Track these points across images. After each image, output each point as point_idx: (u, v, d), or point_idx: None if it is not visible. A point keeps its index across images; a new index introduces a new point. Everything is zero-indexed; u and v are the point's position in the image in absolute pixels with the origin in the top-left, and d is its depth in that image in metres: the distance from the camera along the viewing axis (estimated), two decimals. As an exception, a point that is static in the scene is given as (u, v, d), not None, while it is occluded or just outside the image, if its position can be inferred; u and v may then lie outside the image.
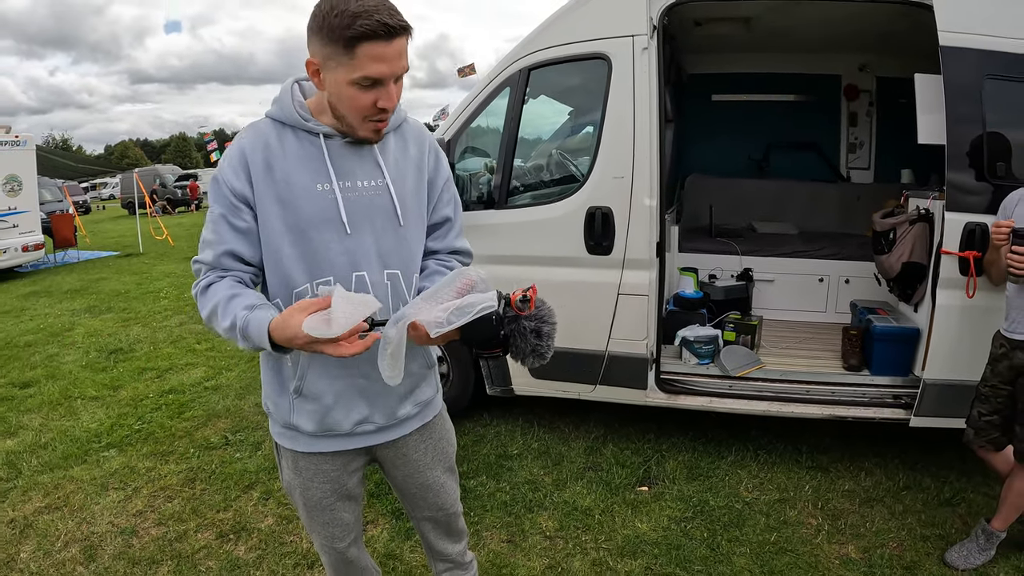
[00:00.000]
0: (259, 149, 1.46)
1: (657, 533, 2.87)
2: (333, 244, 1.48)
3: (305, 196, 1.46)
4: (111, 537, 2.99)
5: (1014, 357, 2.53)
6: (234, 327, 1.36)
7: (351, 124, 1.45)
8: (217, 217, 1.46)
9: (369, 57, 1.31)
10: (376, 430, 1.62)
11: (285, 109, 1.49)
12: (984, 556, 2.67)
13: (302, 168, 1.46)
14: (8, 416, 4.55)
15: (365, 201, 1.50)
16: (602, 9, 3.12)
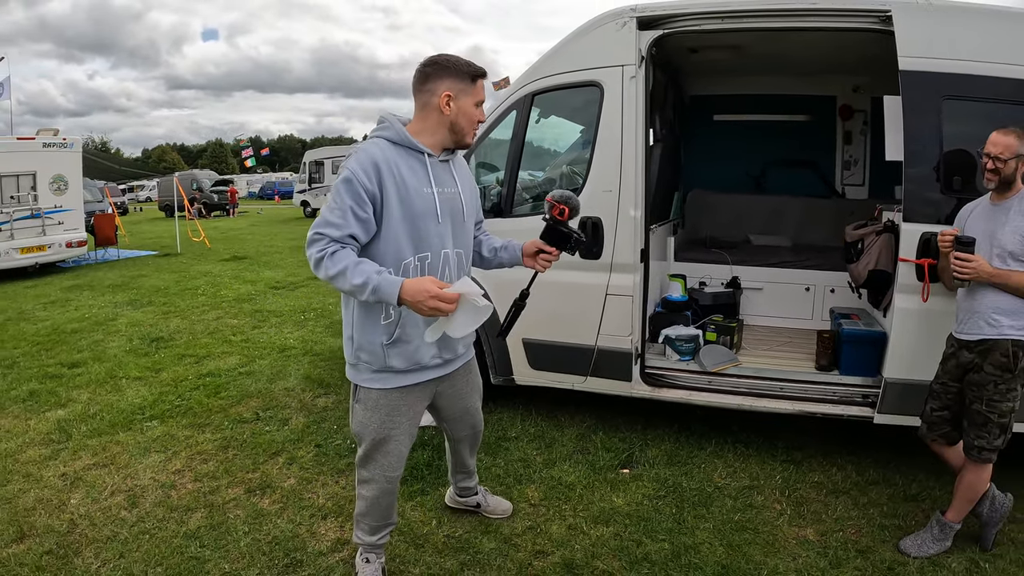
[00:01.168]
0: (384, 161, 2.15)
1: (630, 507, 3.24)
2: (432, 230, 2.23)
3: (416, 196, 2.18)
4: (152, 489, 3.52)
5: (960, 356, 2.79)
6: (366, 284, 2.02)
7: (464, 132, 2.27)
8: (347, 207, 2.09)
9: (480, 88, 2.26)
10: (443, 363, 2.42)
11: (400, 135, 2.21)
12: (938, 546, 2.86)
13: (413, 176, 2.19)
14: (58, 391, 5.16)
15: (448, 201, 2.28)
16: (596, 42, 3.59)
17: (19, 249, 10.92)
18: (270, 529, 3.07)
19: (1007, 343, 2.65)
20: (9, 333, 7.13)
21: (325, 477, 3.58)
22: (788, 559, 2.82)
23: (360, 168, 2.10)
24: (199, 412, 4.63)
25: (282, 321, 7.45)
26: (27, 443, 4.17)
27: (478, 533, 3.00)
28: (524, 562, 2.79)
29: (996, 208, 2.71)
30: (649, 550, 2.88)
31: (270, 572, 2.74)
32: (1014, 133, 2.62)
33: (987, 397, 2.69)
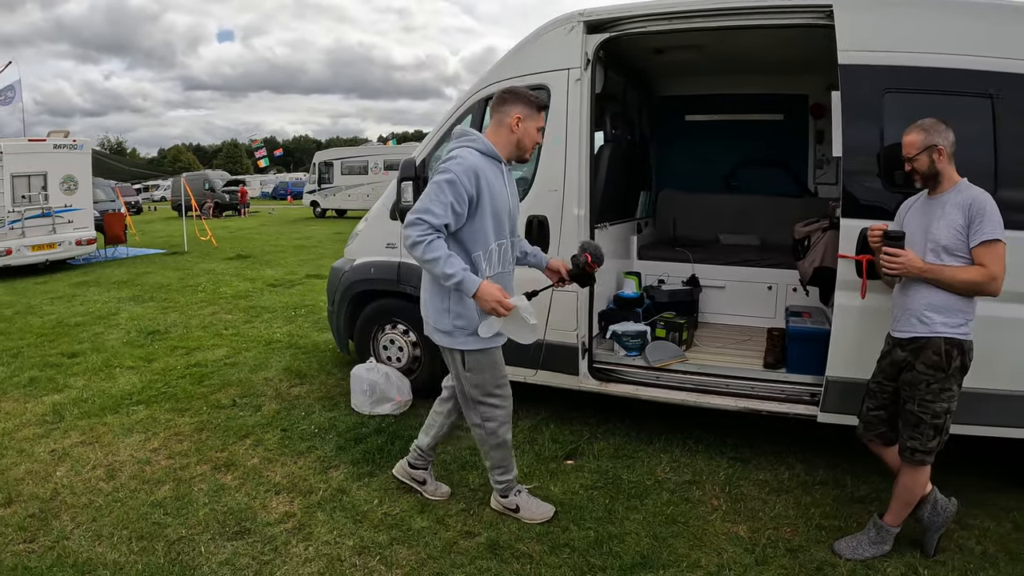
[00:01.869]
0: (480, 168, 2.76)
1: (565, 496, 3.44)
2: (505, 223, 2.93)
3: (498, 196, 2.84)
4: (129, 464, 3.94)
5: (894, 354, 2.80)
6: (454, 275, 2.64)
7: (525, 148, 2.95)
8: (448, 203, 2.68)
9: (543, 117, 2.95)
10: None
11: (487, 147, 2.86)
12: (875, 549, 2.86)
13: (496, 180, 2.84)
14: (57, 378, 5.64)
15: (511, 200, 2.95)
16: (545, 46, 3.91)
17: (30, 246, 11.58)
18: (227, 501, 3.46)
19: (939, 341, 2.65)
20: (16, 325, 7.68)
21: (285, 458, 3.96)
22: (712, 554, 2.93)
23: (463, 173, 2.70)
24: (182, 398, 5.05)
25: (273, 317, 7.89)
26: (23, 423, 4.63)
27: (415, 513, 3.31)
28: (451, 540, 3.05)
29: (932, 202, 2.73)
30: (573, 536, 3.07)
31: (220, 538, 3.12)
32: (916, 128, 2.70)
33: (919, 397, 2.69)
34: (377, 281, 4.76)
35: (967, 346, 2.68)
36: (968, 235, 2.60)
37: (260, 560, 2.92)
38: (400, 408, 4.56)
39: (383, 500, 3.43)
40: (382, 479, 3.64)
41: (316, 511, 3.32)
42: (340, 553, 2.95)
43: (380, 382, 4.53)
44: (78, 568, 2.90)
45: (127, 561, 2.94)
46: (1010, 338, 3.10)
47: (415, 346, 4.78)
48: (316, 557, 2.93)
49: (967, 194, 2.65)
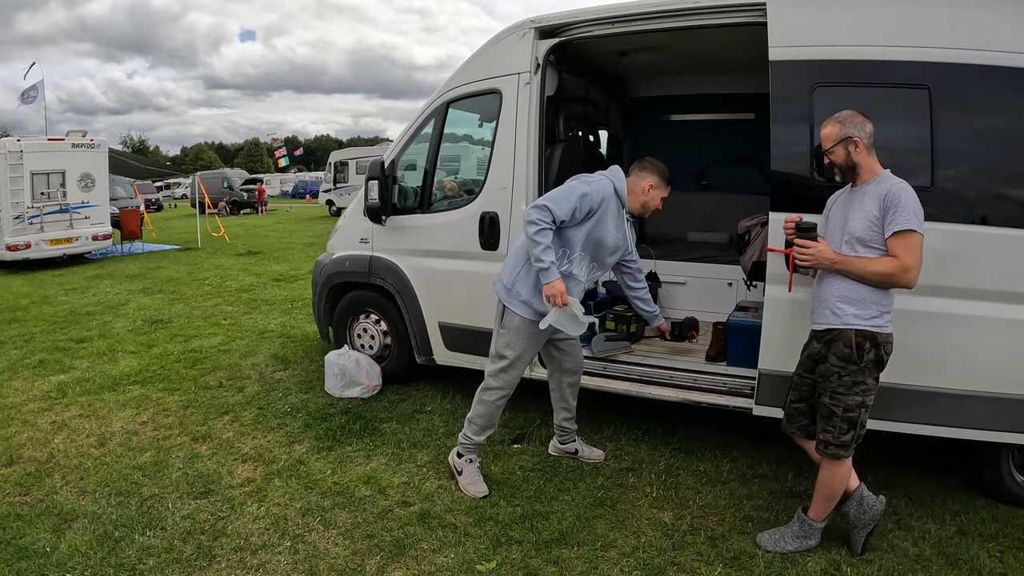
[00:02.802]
0: (608, 199, 3.43)
1: (503, 475, 3.81)
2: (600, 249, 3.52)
3: (605, 228, 3.46)
4: (119, 434, 4.51)
5: (810, 346, 2.92)
6: (543, 261, 3.25)
7: (647, 211, 3.65)
8: (573, 207, 3.34)
9: (668, 191, 3.64)
10: None
11: (621, 190, 3.50)
12: (799, 543, 2.98)
13: (610, 216, 3.46)
14: (64, 360, 6.28)
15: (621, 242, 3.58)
16: (499, 52, 4.33)
17: (48, 241, 12.46)
18: (199, 467, 4.00)
19: (850, 333, 2.72)
20: (32, 314, 8.41)
21: (257, 433, 4.49)
22: (631, 536, 3.18)
23: (596, 192, 3.39)
24: (174, 379, 5.64)
25: (271, 309, 8.49)
26: (30, 398, 5.26)
27: (360, 483, 3.75)
28: (387, 508, 3.46)
29: (854, 194, 2.81)
30: (500, 512, 3.39)
31: (187, 496, 3.66)
32: (832, 121, 2.79)
33: (831, 389, 2.78)
34: (351, 273, 5.26)
35: (882, 338, 2.73)
36: (883, 226, 2.66)
37: (217, 516, 3.44)
38: (369, 392, 5.05)
39: (336, 471, 3.90)
40: (339, 453, 4.13)
41: (274, 478, 3.83)
42: (287, 513, 3.45)
43: (350, 367, 5.03)
44: (61, 516, 3.47)
45: (104, 512, 3.50)
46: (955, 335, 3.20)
47: (386, 335, 5.26)
48: (265, 516, 3.43)
49: (884, 185, 2.71)
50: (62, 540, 3.23)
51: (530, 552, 3.02)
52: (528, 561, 2.96)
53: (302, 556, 3.06)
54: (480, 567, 2.91)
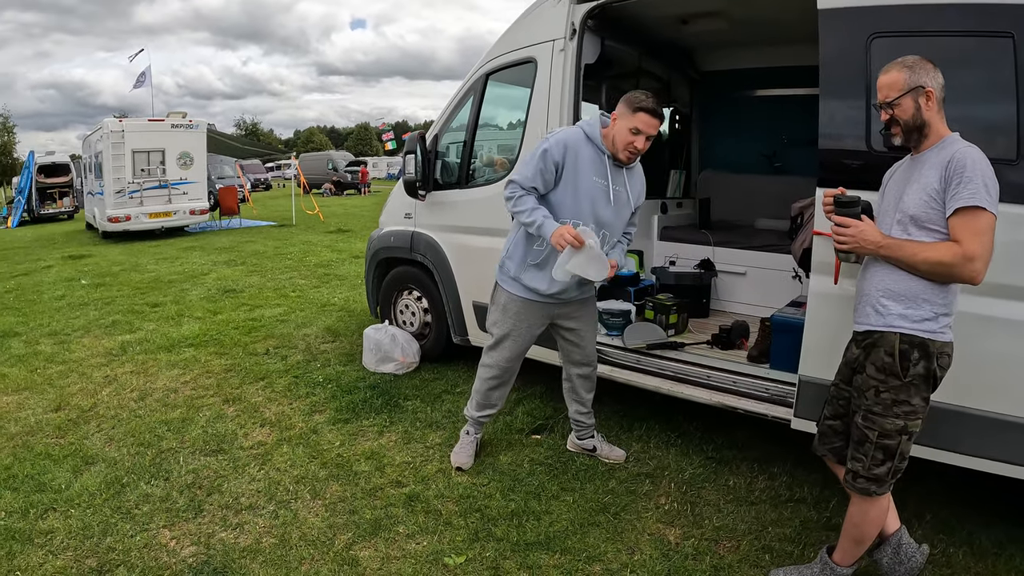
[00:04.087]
0: (572, 144, 3.12)
1: (509, 466, 3.61)
2: (587, 208, 3.14)
3: (585, 179, 3.13)
4: (160, 391, 4.76)
5: (849, 350, 2.42)
6: (535, 221, 3.06)
7: (616, 147, 3.11)
8: (537, 169, 3.10)
9: (639, 119, 3.02)
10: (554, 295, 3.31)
11: (591, 132, 3.16)
12: None
13: (588, 164, 3.14)
14: (134, 322, 6.73)
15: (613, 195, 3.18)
16: (535, 19, 4.19)
17: (148, 214, 13.50)
18: (218, 427, 4.14)
19: (894, 337, 2.21)
20: (119, 279, 9.09)
21: (284, 400, 4.60)
22: (623, 551, 2.85)
23: (555, 144, 3.12)
24: (226, 344, 5.90)
25: (341, 284, 8.73)
26: (93, 355, 5.68)
27: (362, 458, 3.71)
28: (379, 486, 3.40)
29: (914, 163, 2.28)
30: (492, 505, 3.22)
31: (199, 453, 3.80)
32: (896, 66, 2.24)
33: (866, 407, 2.27)
34: (396, 249, 5.28)
35: (935, 347, 2.19)
36: (944, 202, 2.12)
37: (219, 474, 3.54)
38: (403, 368, 5.06)
39: (344, 443, 3.92)
40: (354, 426, 4.15)
41: (284, 444, 3.90)
42: (282, 479, 3.49)
43: (385, 342, 5.06)
44: (84, 459, 3.73)
45: (121, 459, 3.71)
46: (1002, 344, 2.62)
47: (426, 312, 5.25)
48: (262, 479, 3.49)
49: (948, 150, 2.15)
50: (77, 480, 3.48)
51: (506, 552, 2.86)
52: (501, 562, 2.79)
53: (279, 521, 3.08)
54: (448, 560, 2.80)
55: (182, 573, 2.73)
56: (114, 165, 13.24)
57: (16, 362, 5.56)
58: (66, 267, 10.79)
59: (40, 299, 8.20)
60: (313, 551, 2.86)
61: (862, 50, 2.79)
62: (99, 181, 14.40)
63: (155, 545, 2.92)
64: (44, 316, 7.23)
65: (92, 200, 15.98)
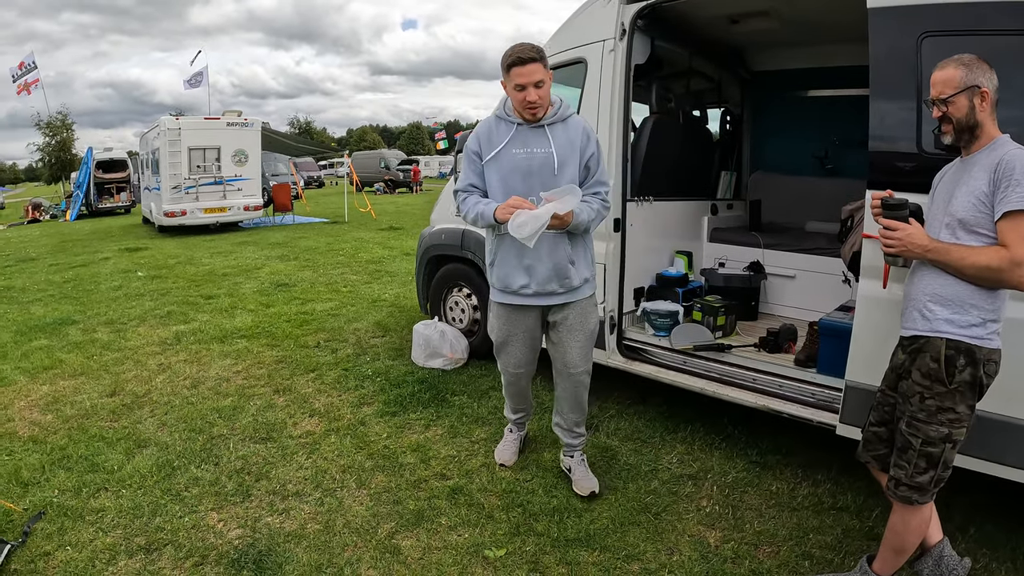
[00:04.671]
0: (485, 132, 3.12)
1: (553, 463, 3.61)
2: (517, 182, 3.03)
3: (504, 156, 3.06)
4: (212, 380, 4.92)
5: (896, 356, 2.41)
6: (480, 213, 3.01)
7: (518, 110, 3.00)
8: (466, 169, 3.14)
9: (515, 74, 2.90)
10: (535, 294, 3.15)
11: (499, 110, 3.13)
12: None
13: (503, 140, 3.06)
14: (189, 313, 6.96)
15: (534, 160, 3.03)
16: (585, 20, 4.21)
17: (203, 209, 13.98)
18: (268, 416, 4.27)
19: (940, 343, 2.20)
20: (175, 272, 9.41)
21: (333, 391, 4.71)
22: (663, 551, 2.86)
23: (471, 140, 3.17)
24: (278, 337, 6.06)
25: (392, 280, 8.88)
26: (148, 343, 5.89)
27: (408, 451, 3.78)
28: (423, 478, 3.47)
29: (963, 165, 2.26)
30: (535, 501, 3.25)
31: (249, 440, 3.93)
32: (953, 63, 2.21)
33: (910, 414, 2.26)
34: (446, 246, 5.35)
35: (982, 354, 2.16)
36: (993, 205, 2.10)
37: (268, 461, 3.66)
38: (451, 364, 5.13)
39: (391, 436, 3.99)
40: (401, 419, 4.23)
41: (332, 435, 3.99)
42: (329, 468, 3.58)
43: (434, 338, 5.14)
44: (137, 442, 3.88)
45: (173, 444, 3.85)
46: None
47: (475, 309, 5.31)
48: (309, 467, 3.59)
49: (998, 152, 2.13)
50: (129, 462, 3.64)
51: (546, 547, 2.89)
52: (540, 556, 2.83)
53: (325, 508, 3.17)
54: (489, 552, 2.84)
55: (228, 554, 2.83)
56: (171, 162, 13.75)
57: (73, 348, 5.83)
58: (123, 259, 11.24)
59: (97, 289, 8.57)
60: (356, 538, 2.94)
61: (912, 50, 2.76)
62: (156, 177, 14.95)
63: (203, 526, 3.04)
64: (101, 305, 7.55)
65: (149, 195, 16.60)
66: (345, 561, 2.78)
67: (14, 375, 5.15)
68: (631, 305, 4.57)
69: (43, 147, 41.38)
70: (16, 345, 6.00)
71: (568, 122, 3.09)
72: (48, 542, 2.92)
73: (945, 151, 2.40)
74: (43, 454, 3.76)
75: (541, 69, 2.92)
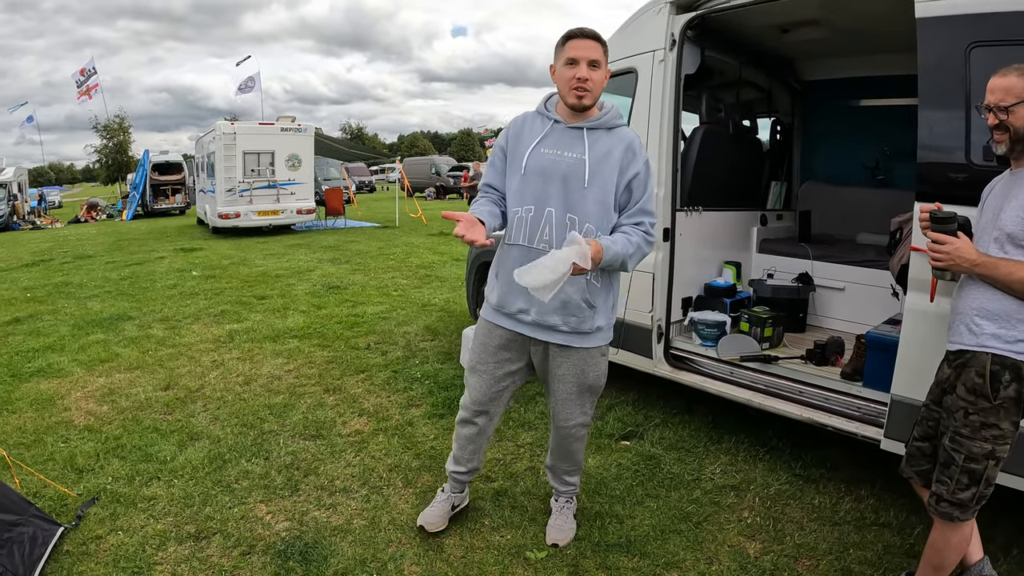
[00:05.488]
0: (518, 125, 2.72)
1: (597, 469, 3.64)
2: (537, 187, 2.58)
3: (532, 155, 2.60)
4: (264, 377, 5.07)
5: (941, 370, 2.37)
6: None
7: (564, 94, 2.57)
8: (489, 163, 2.79)
9: (572, 47, 2.52)
10: (532, 324, 2.66)
11: (539, 105, 2.75)
12: None
13: (534, 137, 2.64)
14: (242, 312, 7.18)
15: (562, 164, 2.57)
16: (636, 30, 4.23)
17: (256, 212, 14.38)
18: (318, 414, 4.38)
19: (986, 358, 2.16)
20: (229, 272, 9.72)
21: (382, 392, 4.81)
22: (702, 560, 2.85)
23: (503, 133, 2.77)
24: (329, 338, 6.21)
25: (442, 285, 9.00)
26: (202, 340, 6.11)
27: None
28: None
29: (1012, 179, 2.23)
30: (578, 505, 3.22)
31: (299, 437, 4.04)
32: (1015, 72, 2.15)
33: (954, 429, 2.22)
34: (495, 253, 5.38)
35: None
36: None
37: (317, 457, 3.76)
38: (496, 369, 5.17)
39: (438, 437, 4.05)
40: (449, 421, 4.26)
41: (380, 434, 4.08)
42: (376, 466, 3.66)
43: (480, 342, 5.19)
44: (189, 435, 4.04)
45: (224, 437, 3.99)
46: None
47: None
48: (357, 465, 3.68)
49: None
50: (182, 453, 3.78)
51: (586, 551, 2.90)
52: (580, 560, 2.84)
53: (371, 505, 3.24)
54: (530, 554, 2.87)
55: (275, 545, 2.91)
56: (225, 165, 14.19)
57: (129, 343, 6.08)
58: (178, 259, 11.65)
59: (153, 287, 8.92)
60: (401, 535, 3.00)
61: (961, 60, 2.72)
62: (211, 180, 15.47)
63: (251, 517, 3.14)
64: (156, 303, 7.86)
65: (204, 197, 17.18)
66: (389, 557, 2.84)
67: (71, 367, 5.40)
68: (679, 315, 4.56)
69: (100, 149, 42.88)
70: (73, 338, 6.28)
71: (614, 132, 2.65)
72: (100, 526, 3.05)
73: (995, 162, 2.38)
74: (98, 443, 3.93)
75: (600, 51, 2.55)
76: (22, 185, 24.05)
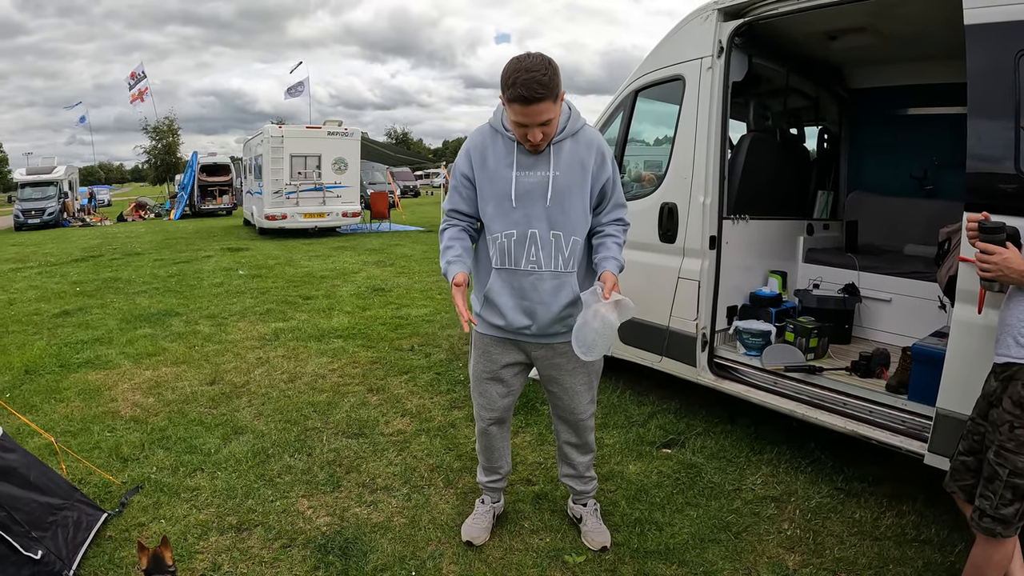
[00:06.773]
0: (476, 147, 2.57)
1: (637, 476, 3.61)
2: (515, 209, 2.51)
3: (499, 178, 2.52)
4: (309, 375, 5.16)
5: (988, 383, 2.32)
6: (444, 267, 2.54)
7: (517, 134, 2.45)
8: (452, 188, 2.66)
9: (515, 112, 2.34)
10: (534, 335, 2.69)
11: (495, 121, 2.57)
12: None
13: (498, 159, 2.53)
14: (288, 311, 7.33)
15: (535, 184, 2.51)
16: (683, 37, 4.19)
17: (302, 214, 14.66)
18: (362, 413, 4.43)
19: None
20: (275, 272, 9.93)
21: (425, 393, 4.84)
22: (740, 572, 2.82)
23: (461, 153, 2.63)
24: (373, 338, 6.30)
25: (479, 290, 9.00)
26: (248, 338, 6.25)
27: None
28: (509, 482, 3.37)
29: None
30: (617, 511, 3.23)
31: (341, 435, 4.09)
32: None
33: (999, 443, 2.17)
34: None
35: None
36: None
37: (359, 455, 3.80)
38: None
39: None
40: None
41: (422, 434, 4.11)
42: (418, 466, 3.69)
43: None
44: (233, 429, 4.13)
45: (268, 433, 4.08)
46: None
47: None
48: (399, 463, 3.71)
49: None
50: (225, 447, 3.87)
51: (625, 557, 2.88)
52: (619, 566, 2.82)
53: (411, 504, 3.26)
54: (568, 558, 2.86)
55: (315, 539, 2.95)
56: (273, 167, 14.49)
57: (176, 339, 6.24)
58: (224, 258, 11.93)
59: (200, 285, 9.15)
60: (440, 534, 3.02)
61: (1011, 68, 2.65)
62: (258, 181, 15.78)
63: (292, 511, 3.19)
64: (203, 300, 8.06)
65: (251, 198, 17.55)
66: (428, 555, 2.86)
67: (119, 359, 5.57)
68: (723, 323, 4.51)
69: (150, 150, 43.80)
70: (121, 332, 6.49)
71: (579, 137, 2.56)
72: (143, 514, 3.13)
73: None
74: (143, 433, 4.04)
75: (551, 106, 2.33)
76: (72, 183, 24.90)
